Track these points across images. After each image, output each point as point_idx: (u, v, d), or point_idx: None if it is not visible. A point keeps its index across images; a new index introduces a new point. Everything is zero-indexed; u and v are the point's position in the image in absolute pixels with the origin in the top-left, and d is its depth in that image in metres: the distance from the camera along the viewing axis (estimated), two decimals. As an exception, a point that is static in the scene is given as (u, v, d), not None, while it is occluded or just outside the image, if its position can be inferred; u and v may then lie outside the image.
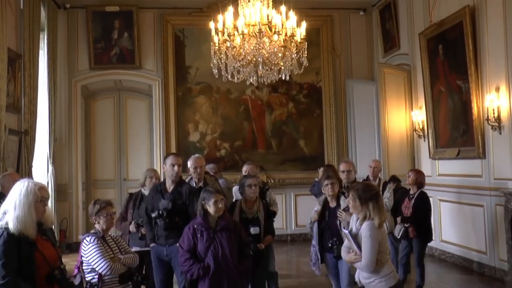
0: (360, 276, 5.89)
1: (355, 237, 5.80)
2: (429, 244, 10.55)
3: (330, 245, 7.82)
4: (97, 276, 6.00)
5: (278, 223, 13.28)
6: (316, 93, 16.45)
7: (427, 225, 9.85)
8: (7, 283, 4.73)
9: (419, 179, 10.01)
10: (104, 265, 5.98)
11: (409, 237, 9.73)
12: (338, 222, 7.82)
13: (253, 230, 7.81)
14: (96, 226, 6.24)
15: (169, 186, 7.81)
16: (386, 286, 5.70)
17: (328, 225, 7.94)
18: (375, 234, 5.68)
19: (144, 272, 8.13)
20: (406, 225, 9.67)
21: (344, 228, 6.73)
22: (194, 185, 8.84)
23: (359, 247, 5.74)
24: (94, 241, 6.10)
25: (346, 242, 6.04)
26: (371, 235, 5.66)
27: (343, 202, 7.88)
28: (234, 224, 7.01)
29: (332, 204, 7.99)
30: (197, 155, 9.39)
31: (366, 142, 15.65)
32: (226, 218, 6.93)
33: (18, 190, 5.05)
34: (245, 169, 9.56)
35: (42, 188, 5.15)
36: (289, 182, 16.12)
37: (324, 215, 7.93)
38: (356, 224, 5.89)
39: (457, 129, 12.21)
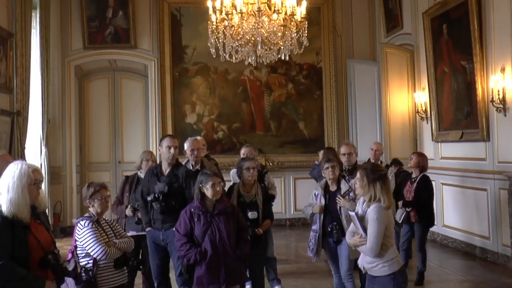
0: (364, 260, 5.89)
1: (361, 220, 5.79)
2: (431, 229, 10.56)
3: (329, 229, 7.85)
4: (91, 261, 6.01)
5: (277, 207, 13.29)
6: (316, 74, 16.43)
7: (429, 210, 9.87)
8: (1, 266, 4.74)
9: (422, 162, 10.01)
10: (98, 249, 6.00)
11: (410, 221, 9.76)
12: (338, 207, 7.85)
13: (251, 214, 7.82)
14: (90, 209, 6.25)
15: (165, 169, 7.82)
16: (389, 271, 5.70)
17: (328, 209, 7.97)
18: (382, 217, 5.68)
19: (140, 257, 8.14)
20: (407, 210, 9.69)
21: (349, 210, 6.73)
22: (191, 168, 8.85)
23: (365, 230, 5.74)
24: (88, 225, 6.11)
25: (351, 227, 6.04)
26: (378, 218, 5.66)
27: (343, 186, 7.91)
28: (232, 208, 7.02)
29: (333, 188, 8.00)
30: (198, 137, 9.39)
31: (368, 124, 15.65)
32: (224, 202, 6.94)
33: (12, 172, 5.05)
34: (243, 151, 9.56)
35: (36, 171, 5.15)
36: (288, 165, 16.13)
37: (324, 199, 7.95)
38: (363, 206, 5.88)
39: (460, 111, 12.21)
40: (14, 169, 5.07)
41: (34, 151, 14.01)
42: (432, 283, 9.93)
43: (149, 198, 7.65)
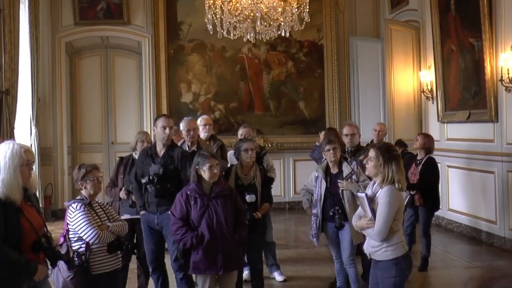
0: (369, 244, 5.90)
1: (370, 201, 5.74)
2: (436, 213, 10.60)
3: (331, 214, 7.87)
4: (84, 245, 6.02)
5: (276, 190, 13.33)
6: (317, 51, 16.40)
7: (434, 193, 9.89)
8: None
9: (428, 143, 10.01)
10: (91, 233, 6.01)
11: (415, 205, 9.78)
12: (340, 190, 7.86)
13: (249, 197, 7.83)
14: (83, 192, 6.25)
15: (160, 150, 7.79)
16: (392, 255, 5.69)
17: (329, 192, 7.98)
18: (394, 201, 5.65)
19: (135, 241, 8.15)
20: (412, 193, 9.71)
21: (358, 192, 6.73)
22: (187, 149, 8.85)
23: (374, 212, 5.69)
24: (80, 208, 6.11)
25: (359, 210, 6.03)
26: (390, 201, 5.62)
27: (346, 169, 7.92)
28: (230, 190, 7.03)
29: (334, 170, 8.01)
30: (204, 115, 9.37)
31: (371, 104, 15.65)
32: (222, 184, 6.95)
33: (3, 152, 5.04)
34: (241, 132, 9.56)
35: (28, 151, 5.15)
36: (288, 146, 16.15)
37: (325, 182, 7.96)
38: (373, 187, 5.84)
39: (468, 90, 12.20)
40: (5, 149, 5.07)
41: (24, 131, 14.00)
42: (437, 269, 9.97)
43: (143, 181, 7.64)
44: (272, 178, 9.10)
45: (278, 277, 9.47)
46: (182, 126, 9.13)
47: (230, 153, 9.42)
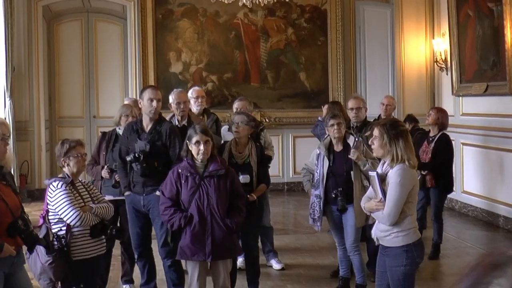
0: (377, 228, 5.89)
1: (382, 181, 5.73)
2: (449, 195, 10.62)
3: (333, 195, 7.86)
4: (65, 228, 6.03)
5: (274, 170, 13.30)
6: (320, 17, 16.34)
7: (447, 173, 9.90)
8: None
9: (441, 119, 9.99)
10: (73, 214, 6.01)
11: (426, 186, 9.78)
12: (344, 170, 7.84)
13: (243, 178, 7.81)
14: (65, 169, 6.25)
15: (147, 125, 7.78)
16: (403, 242, 5.69)
17: (332, 172, 7.97)
18: (407, 181, 5.65)
19: (119, 225, 8.16)
20: (423, 173, 9.70)
21: (369, 171, 6.72)
22: (177, 123, 8.84)
23: (385, 194, 5.69)
24: (62, 186, 6.11)
25: (368, 192, 6.01)
26: (402, 181, 5.62)
27: (351, 143, 7.88)
28: (226, 170, 7.00)
29: (338, 148, 8.00)
30: (196, 87, 9.35)
31: (379, 75, 15.62)
32: (217, 163, 6.93)
33: (-24, 125, 5.03)
34: (236, 105, 9.54)
35: (3, 124, 5.14)
36: (287, 121, 16.13)
37: (328, 160, 7.95)
38: (383, 167, 5.84)
39: (486, 60, 12.18)
40: (-22, 122, 5.04)
41: (-3, 103, 13.98)
42: (449, 257, 10.01)
43: (128, 158, 7.63)
44: (270, 157, 9.09)
45: (275, 265, 9.50)
46: (171, 98, 9.12)
47: (224, 129, 9.42)
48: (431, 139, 9.97)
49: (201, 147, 6.79)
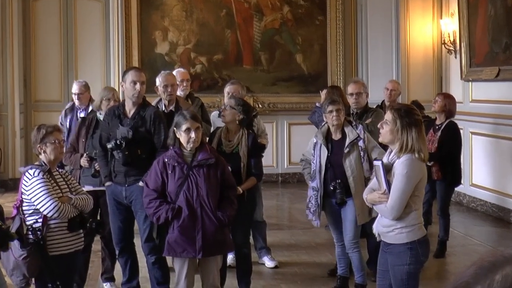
0: (380, 223, 5.87)
1: (387, 172, 5.71)
2: (456, 188, 10.62)
3: (331, 188, 7.86)
4: (41, 220, 6.01)
5: (267, 160, 13.31)
6: (319, -6, 16.35)
7: (455, 165, 9.91)
8: None
9: (449, 105, 9.99)
10: (51, 205, 6.00)
11: (432, 179, 9.77)
12: (343, 160, 7.83)
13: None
14: (41, 157, 6.24)
15: (130, 110, 7.77)
16: (407, 239, 5.69)
17: (330, 163, 7.96)
18: (414, 173, 5.64)
19: (99, 218, 8.15)
20: (429, 164, 9.67)
21: (374, 160, 6.72)
22: (163, 109, 8.83)
23: (389, 185, 5.68)
24: (39, 174, 6.11)
25: (371, 183, 6.00)
26: (408, 173, 5.61)
27: (351, 134, 7.88)
28: (217, 159, 7.01)
29: (336, 136, 8.00)
30: (181, 69, 9.32)
31: (382, 58, 15.61)
32: (206, 151, 6.94)
33: None
34: (227, 90, 9.51)
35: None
36: (282, 107, 16.12)
37: (327, 150, 7.93)
38: (389, 156, 5.81)
39: (498, 42, 12.18)
40: None
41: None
42: (456, 255, 10.04)
43: (109, 146, 7.61)
44: (263, 145, 9.07)
45: (268, 262, 9.50)
46: (158, 81, 9.12)
47: (214, 114, 9.41)
48: (437, 127, 9.97)
49: (192, 134, 6.79)
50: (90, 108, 9.97)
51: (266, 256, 9.53)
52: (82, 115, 10.02)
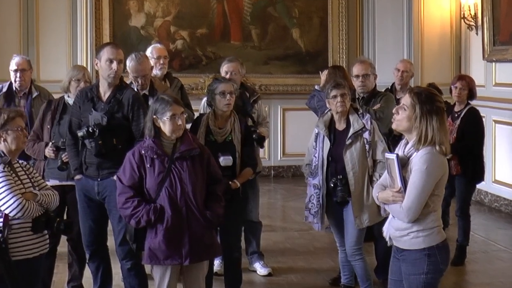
0: (392, 225, 5.84)
1: (402, 167, 5.64)
2: (477, 185, 10.64)
3: (332, 185, 7.88)
4: (1, 220, 6.01)
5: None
6: (318, -41, 16.38)
7: (477, 158, 9.94)
8: None
9: (469, 88, 9.99)
10: (13, 203, 5.99)
11: (450, 174, 9.79)
12: (344, 152, 7.85)
13: (224, 160, 7.80)
14: (1, 146, 6.22)
15: (104, 92, 7.73)
16: (425, 244, 5.63)
17: (332, 156, 7.99)
18: (435, 170, 5.58)
19: (66, 217, 8.15)
20: (447, 157, 9.73)
21: (386, 152, 6.74)
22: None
23: (405, 182, 5.62)
24: (-2, 167, 6.11)
25: (382, 178, 5.99)
26: (428, 169, 5.53)
27: (356, 123, 7.87)
28: (201, 149, 7.00)
29: (340, 125, 8.01)
30: (158, 44, 9.29)
31: (391, 34, 15.65)
32: (189, 141, 6.92)
33: None
34: (225, 68, 9.49)
35: None
36: (276, 90, 16.15)
37: (329, 141, 7.97)
38: (405, 148, 5.75)
39: (526, 17, 12.24)
40: None
41: None
42: (477, 262, 10.08)
43: (80, 133, 7.58)
44: (263, 136, 9.09)
45: (260, 269, 9.53)
46: (129, 63, 9.05)
47: (203, 104, 9.35)
48: (456, 114, 9.97)
49: (179, 121, 6.78)
50: (35, 94, 9.93)
51: (258, 262, 9.55)
52: (23, 103, 9.91)
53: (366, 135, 7.87)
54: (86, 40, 15.40)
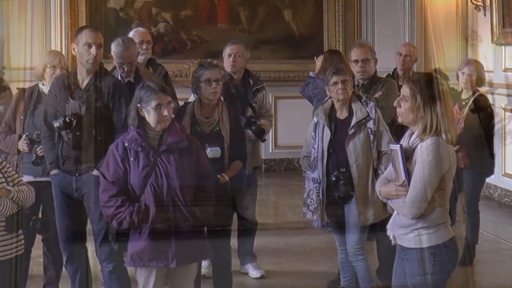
0: (396, 222, 5.86)
1: (407, 159, 5.66)
2: (487, 179, 10.67)
3: (334, 178, 7.89)
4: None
5: (247, 143, 13.37)
6: None
7: (486, 150, 9.95)
8: None
9: (477, 74, 10.01)
10: (-15, 200, 6.02)
11: (457, 167, 9.83)
12: (346, 142, 7.87)
13: (211, 151, 7.78)
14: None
15: (83, 79, 7.75)
16: (431, 242, 5.66)
17: (333, 147, 7.99)
18: (441, 161, 5.61)
19: (42, 216, 8.14)
20: (454, 148, 9.76)
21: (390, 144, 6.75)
22: (120, 79, 8.81)
23: (409, 175, 5.63)
24: (-32, 162, 6.12)
25: (386, 172, 6.01)
26: (434, 160, 5.56)
27: (359, 112, 7.88)
28: (190, 142, 6.99)
29: (342, 114, 8.01)
30: (140, 28, 9.29)
31: (392, 15, 15.66)
32: (177, 132, 6.90)
33: None
34: (228, 51, 9.49)
35: None
36: (266, 76, 16.08)
37: (330, 131, 7.96)
38: (410, 139, 5.77)
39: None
40: None
41: None
42: (486, 262, 10.11)
43: (56, 124, 7.58)
44: (263, 130, 9.09)
45: (252, 271, 9.57)
46: (114, 48, 9.07)
47: (191, 99, 9.36)
48: (464, 102, 9.99)
49: (165, 111, 6.76)
50: None
51: (249, 264, 9.57)
52: None
53: (370, 124, 7.86)
54: (60, 23, 15.37)
